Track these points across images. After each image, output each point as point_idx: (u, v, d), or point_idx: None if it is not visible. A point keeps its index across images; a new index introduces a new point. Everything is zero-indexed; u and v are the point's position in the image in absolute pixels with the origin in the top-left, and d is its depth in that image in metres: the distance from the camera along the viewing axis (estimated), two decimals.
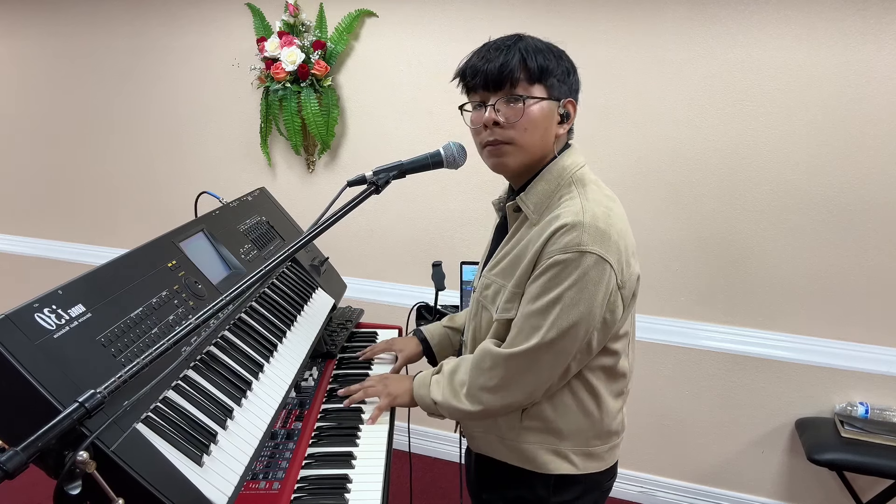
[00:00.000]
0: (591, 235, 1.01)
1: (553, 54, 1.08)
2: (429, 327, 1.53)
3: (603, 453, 1.20)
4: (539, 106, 1.07)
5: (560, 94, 1.09)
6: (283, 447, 1.21)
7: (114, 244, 3.01)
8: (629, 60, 2.06)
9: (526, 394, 1.12)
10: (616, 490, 2.47)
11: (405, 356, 1.51)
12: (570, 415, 1.16)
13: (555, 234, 1.03)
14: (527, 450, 1.17)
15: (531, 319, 1.06)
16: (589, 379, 1.15)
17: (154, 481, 0.80)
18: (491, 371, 1.12)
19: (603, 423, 1.18)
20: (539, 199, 1.10)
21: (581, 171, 1.12)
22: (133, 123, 2.83)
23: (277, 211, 1.73)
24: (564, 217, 1.03)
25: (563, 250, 1.02)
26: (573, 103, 1.11)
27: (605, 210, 1.06)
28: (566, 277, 1.02)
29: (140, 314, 0.99)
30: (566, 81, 1.09)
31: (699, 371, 2.25)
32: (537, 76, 1.06)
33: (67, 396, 0.77)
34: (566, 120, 1.10)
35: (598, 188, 1.12)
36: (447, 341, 1.49)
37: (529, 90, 1.06)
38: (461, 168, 1.27)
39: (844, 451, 1.88)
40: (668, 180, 2.12)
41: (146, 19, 2.66)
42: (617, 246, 1.04)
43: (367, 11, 2.32)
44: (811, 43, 1.87)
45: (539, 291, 1.05)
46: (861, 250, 1.97)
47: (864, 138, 1.89)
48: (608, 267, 1.03)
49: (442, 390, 1.20)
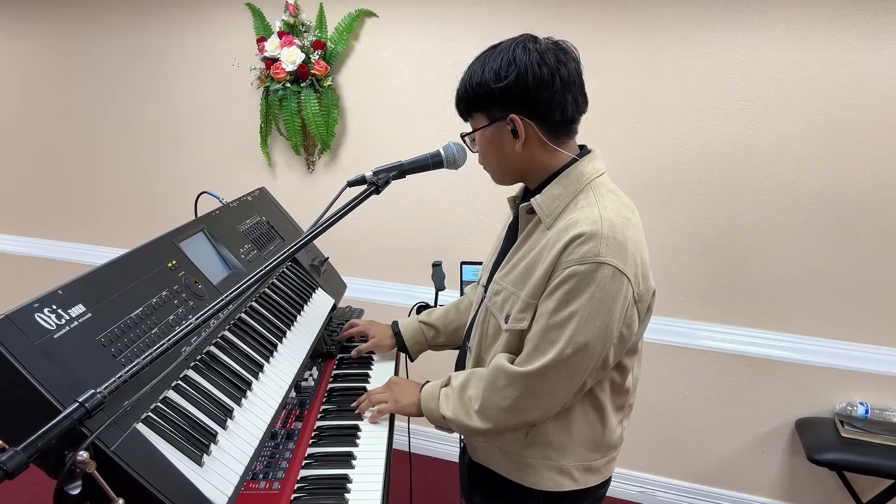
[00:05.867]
0: (608, 246, 0.98)
1: (494, 74, 1.03)
2: (404, 321, 1.56)
3: (601, 467, 1.20)
4: (481, 134, 1.10)
5: (501, 115, 1.05)
6: (283, 447, 1.21)
7: (114, 244, 3.01)
8: (629, 61, 2.06)
9: (542, 412, 1.10)
10: (616, 490, 2.47)
11: (374, 343, 1.56)
12: (575, 430, 1.14)
13: (571, 243, 1.00)
14: (528, 465, 1.16)
15: (548, 334, 1.03)
16: (597, 394, 1.13)
17: (154, 481, 0.80)
18: (506, 390, 1.08)
19: (604, 438, 1.17)
20: (553, 203, 1.07)
21: (600, 178, 1.10)
22: (133, 123, 2.83)
23: (277, 211, 1.73)
24: (582, 225, 1.00)
25: (581, 261, 0.98)
26: (517, 119, 1.04)
27: (623, 220, 1.03)
28: (583, 291, 0.99)
29: (140, 314, 0.99)
30: (509, 98, 1.03)
31: (699, 371, 2.25)
32: (474, 106, 1.09)
33: (67, 396, 0.77)
34: (517, 136, 1.05)
35: (617, 197, 1.09)
36: (420, 336, 1.52)
37: (475, 120, 1.11)
38: (461, 168, 1.26)
39: (844, 451, 1.88)
40: (667, 180, 2.12)
41: (146, 19, 2.66)
42: (634, 258, 1.02)
43: (367, 11, 2.32)
44: (811, 43, 1.87)
45: (555, 305, 1.02)
46: (861, 250, 1.97)
47: (864, 138, 1.89)
48: (625, 280, 1.00)
49: (452, 406, 1.18)
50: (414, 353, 1.55)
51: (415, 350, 1.54)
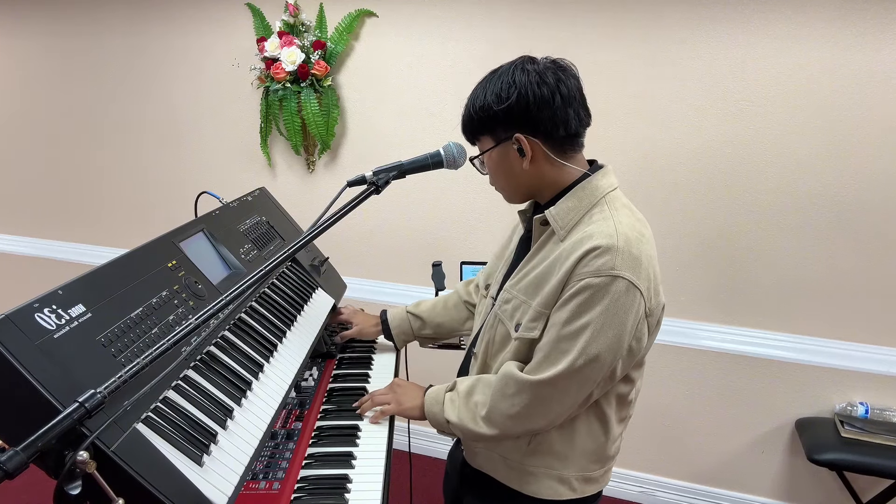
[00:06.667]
0: (623, 260, 1.00)
1: (496, 96, 1.05)
2: (392, 311, 1.60)
3: (599, 477, 1.21)
4: (489, 156, 1.12)
5: (506, 135, 1.07)
6: (283, 447, 1.21)
7: (114, 244, 3.02)
8: (629, 61, 2.06)
9: (548, 420, 1.10)
10: (616, 490, 2.47)
11: (358, 330, 1.61)
12: (579, 440, 1.15)
13: (587, 256, 1.01)
14: (529, 473, 1.17)
15: (559, 344, 1.04)
16: (602, 406, 1.14)
17: (154, 481, 0.80)
18: (515, 397, 1.09)
19: (605, 449, 1.19)
20: (568, 215, 1.09)
21: (614, 192, 1.12)
22: (133, 123, 2.83)
23: (277, 211, 1.73)
24: (597, 238, 1.01)
25: (596, 274, 1.00)
26: (522, 137, 1.06)
27: (638, 235, 1.05)
28: (597, 303, 1.00)
29: (140, 314, 0.99)
30: (512, 119, 1.06)
31: (699, 371, 2.25)
32: (480, 130, 1.11)
33: (67, 396, 0.76)
34: (523, 154, 1.07)
35: (631, 212, 1.11)
36: (407, 325, 1.56)
37: (482, 143, 1.13)
38: (461, 168, 1.27)
39: (844, 451, 1.88)
40: (667, 180, 2.12)
41: (146, 19, 2.66)
42: (647, 273, 1.03)
43: (367, 11, 2.32)
44: (811, 43, 1.87)
45: (568, 316, 1.03)
46: (861, 250, 1.97)
47: (864, 138, 1.89)
48: (638, 294, 1.01)
49: (458, 411, 1.18)
50: (399, 342, 1.58)
51: (400, 339, 1.58)
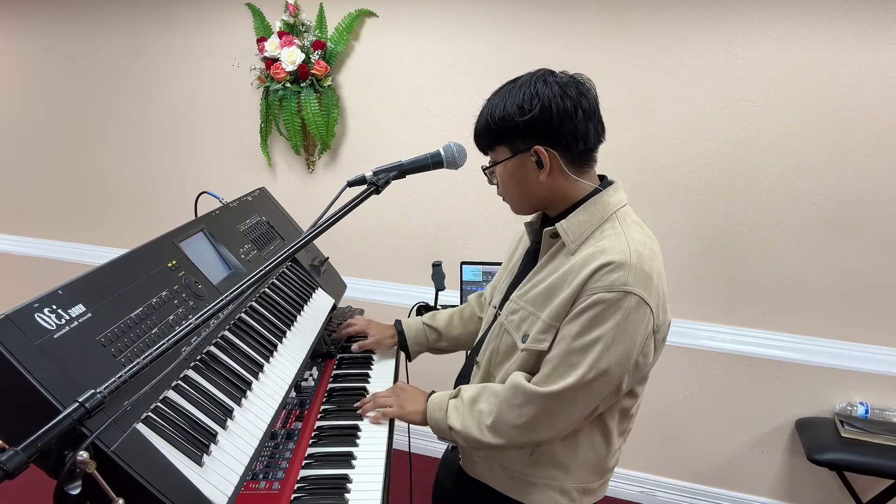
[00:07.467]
0: (636, 277, 1.01)
1: (518, 107, 1.05)
2: (408, 321, 1.58)
3: (597, 488, 1.22)
4: (503, 166, 1.12)
5: (525, 146, 1.07)
6: (283, 447, 1.21)
7: (114, 244, 3.01)
8: (630, 61, 2.06)
9: (554, 432, 1.11)
10: (616, 490, 2.47)
11: (376, 341, 1.57)
12: (581, 453, 1.16)
13: (599, 271, 1.01)
14: (531, 483, 1.17)
15: (569, 357, 1.04)
16: (605, 419, 1.15)
17: (154, 481, 0.80)
18: (522, 408, 1.09)
19: (606, 462, 1.19)
20: (579, 229, 1.09)
21: (624, 209, 1.13)
22: (133, 123, 2.83)
23: (277, 211, 1.73)
24: (611, 254, 1.02)
25: (608, 289, 1.00)
26: (541, 150, 1.06)
27: (650, 252, 1.06)
28: (608, 318, 1.01)
29: (140, 314, 0.99)
30: (534, 130, 1.06)
31: (699, 371, 2.25)
32: (498, 140, 1.10)
33: (67, 396, 0.76)
34: (542, 166, 1.07)
35: (641, 228, 1.12)
36: (423, 337, 1.54)
37: (497, 153, 1.12)
38: (461, 168, 1.27)
39: (844, 451, 1.88)
40: (667, 180, 2.12)
41: (147, 19, 2.66)
42: (657, 290, 1.04)
43: (367, 11, 2.32)
44: (811, 43, 1.87)
45: (579, 330, 1.03)
46: (861, 250, 1.97)
47: (864, 138, 1.89)
48: (649, 310, 1.02)
49: (462, 418, 1.18)
50: (414, 353, 1.56)
51: (415, 350, 1.56)
